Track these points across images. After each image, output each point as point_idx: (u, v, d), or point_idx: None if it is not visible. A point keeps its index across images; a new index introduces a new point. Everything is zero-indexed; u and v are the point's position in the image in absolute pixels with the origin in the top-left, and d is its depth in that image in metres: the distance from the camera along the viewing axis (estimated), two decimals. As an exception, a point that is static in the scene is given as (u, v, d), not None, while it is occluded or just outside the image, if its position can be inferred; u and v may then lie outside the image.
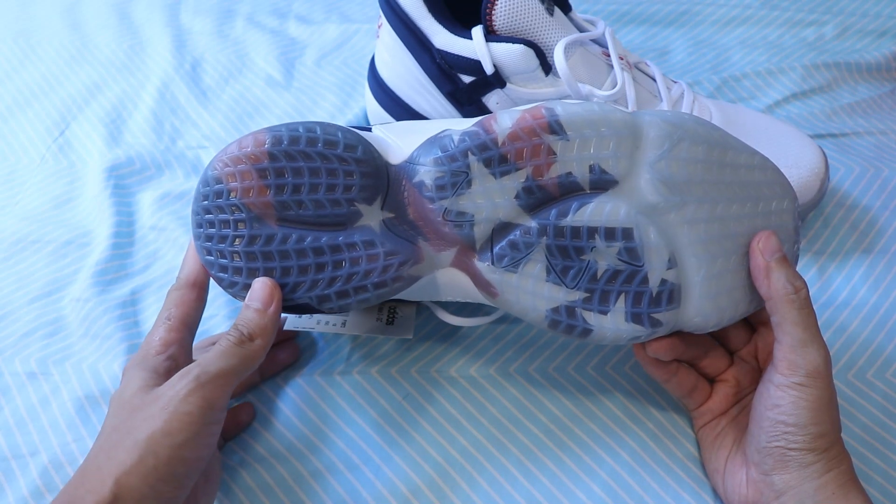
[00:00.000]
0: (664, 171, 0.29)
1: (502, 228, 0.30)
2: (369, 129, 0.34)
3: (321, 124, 0.31)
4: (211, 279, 0.33)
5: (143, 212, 0.46)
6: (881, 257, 0.43)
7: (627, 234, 0.29)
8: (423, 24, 0.40)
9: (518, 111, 0.30)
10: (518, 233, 0.30)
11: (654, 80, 0.41)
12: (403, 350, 0.39)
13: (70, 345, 0.40)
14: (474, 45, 0.38)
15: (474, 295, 0.32)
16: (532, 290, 0.31)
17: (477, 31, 0.38)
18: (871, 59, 0.55)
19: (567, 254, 0.30)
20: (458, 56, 0.39)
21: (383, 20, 0.42)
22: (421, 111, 0.44)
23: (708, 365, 0.34)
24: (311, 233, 0.31)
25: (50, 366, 0.39)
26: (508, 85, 0.39)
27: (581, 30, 0.41)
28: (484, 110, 0.41)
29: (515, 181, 0.30)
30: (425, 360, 0.39)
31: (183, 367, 0.30)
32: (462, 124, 0.32)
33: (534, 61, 0.38)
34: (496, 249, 0.30)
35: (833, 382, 0.30)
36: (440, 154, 0.30)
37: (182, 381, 0.29)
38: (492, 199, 0.30)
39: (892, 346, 0.39)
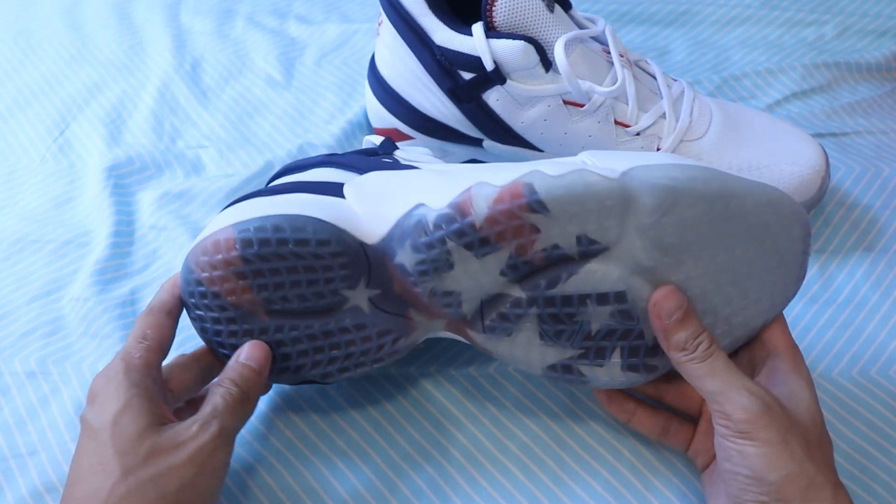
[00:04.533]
0: (656, 236, 0.27)
1: (491, 301, 0.30)
2: (341, 191, 0.32)
3: (289, 219, 0.29)
4: (184, 312, 0.33)
5: (143, 211, 0.46)
6: (882, 256, 0.43)
7: (620, 297, 0.28)
8: (423, 21, 0.40)
9: (495, 190, 0.27)
10: (507, 305, 0.29)
11: (655, 77, 0.41)
12: (404, 349, 0.39)
13: (70, 344, 0.40)
14: (474, 42, 0.38)
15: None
16: (526, 355, 0.30)
17: (477, 28, 0.38)
18: (871, 58, 0.55)
19: (559, 319, 0.29)
20: (458, 53, 0.39)
21: (384, 18, 0.42)
22: (421, 108, 0.44)
23: (678, 398, 0.32)
24: (302, 321, 0.31)
25: (49, 365, 0.39)
26: (509, 81, 0.39)
27: (581, 27, 0.41)
28: (484, 107, 0.41)
29: (499, 260, 0.28)
30: (425, 359, 0.39)
31: (159, 392, 0.29)
32: (437, 188, 0.29)
33: (534, 57, 0.38)
34: (487, 322, 0.30)
35: (788, 414, 0.27)
36: (417, 241, 0.28)
37: (206, 435, 0.28)
38: (476, 278, 0.29)
39: (895, 344, 0.39)
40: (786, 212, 0.29)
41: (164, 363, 0.32)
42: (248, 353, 0.31)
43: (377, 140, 0.39)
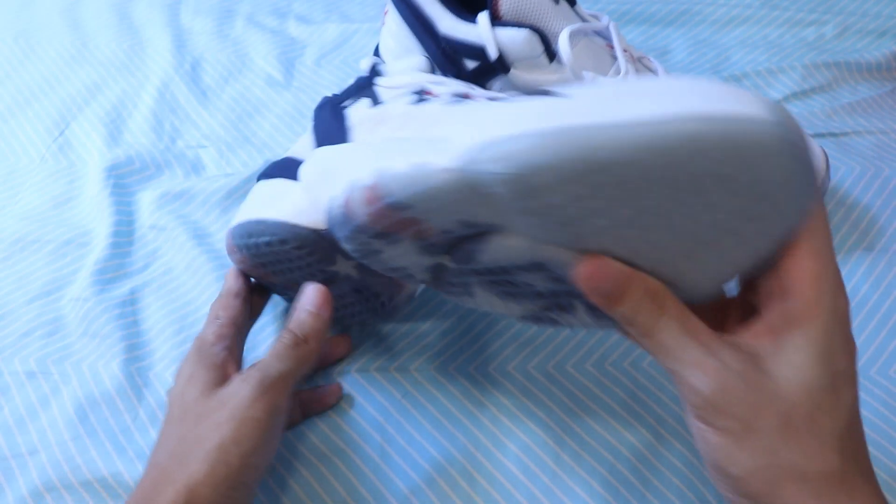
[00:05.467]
0: (539, 216, 0.22)
1: (437, 269, 0.29)
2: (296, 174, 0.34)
3: (256, 224, 0.33)
4: (254, 294, 0.37)
5: (143, 211, 0.46)
6: (882, 256, 0.43)
7: (539, 266, 0.25)
8: (429, 9, 0.40)
9: (363, 192, 0.25)
10: (449, 275, 0.28)
11: (657, 74, 0.41)
12: (401, 348, 0.39)
13: (69, 344, 0.40)
14: (479, 31, 0.38)
15: None
16: (494, 308, 0.30)
17: (482, 17, 0.38)
18: (871, 58, 0.55)
19: (501, 283, 0.27)
20: (462, 41, 0.39)
21: (390, 6, 0.43)
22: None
23: None
24: None
25: (49, 365, 0.39)
26: (512, 71, 0.39)
27: (585, 23, 0.41)
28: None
29: (409, 244, 0.27)
30: (423, 359, 0.39)
31: (237, 361, 0.32)
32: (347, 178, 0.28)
33: (538, 47, 0.38)
34: (444, 287, 0.30)
35: (762, 389, 0.21)
36: (337, 234, 0.28)
37: (246, 386, 0.29)
38: (407, 257, 0.28)
39: (895, 344, 0.39)
40: (732, 152, 0.19)
41: None
42: (304, 298, 0.32)
43: (367, 65, 0.38)
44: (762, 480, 0.21)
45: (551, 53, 0.38)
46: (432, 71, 0.36)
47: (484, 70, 0.39)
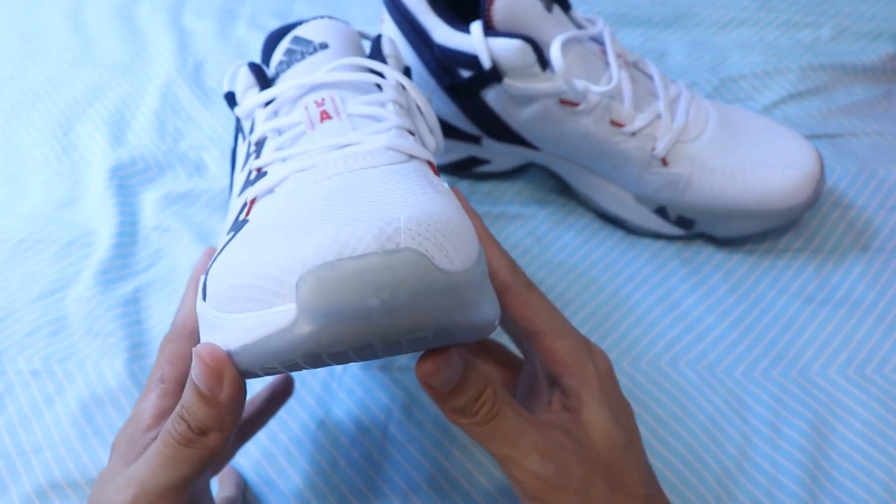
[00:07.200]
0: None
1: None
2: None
3: None
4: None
5: (146, 212, 0.47)
6: (878, 255, 0.43)
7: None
8: (423, 18, 0.40)
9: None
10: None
11: (652, 78, 0.42)
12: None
13: (73, 343, 0.40)
14: (472, 40, 0.39)
15: None
16: None
17: (476, 27, 0.39)
18: (866, 60, 0.55)
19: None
20: (456, 51, 0.40)
21: (386, 15, 0.43)
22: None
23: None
24: None
25: (53, 364, 0.39)
26: (506, 80, 0.40)
27: (580, 28, 0.41)
28: (483, 105, 0.41)
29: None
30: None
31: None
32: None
33: (531, 56, 0.38)
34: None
35: (587, 458, 0.24)
36: None
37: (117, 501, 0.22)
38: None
39: (890, 343, 0.39)
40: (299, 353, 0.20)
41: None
42: (194, 369, 0.21)
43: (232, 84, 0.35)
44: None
45: (544, 62, 0.39)
46: (262, 81, 0.31)
47: (478, 79, 0.40)
